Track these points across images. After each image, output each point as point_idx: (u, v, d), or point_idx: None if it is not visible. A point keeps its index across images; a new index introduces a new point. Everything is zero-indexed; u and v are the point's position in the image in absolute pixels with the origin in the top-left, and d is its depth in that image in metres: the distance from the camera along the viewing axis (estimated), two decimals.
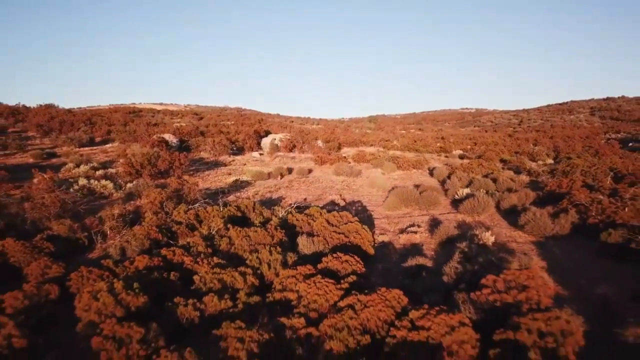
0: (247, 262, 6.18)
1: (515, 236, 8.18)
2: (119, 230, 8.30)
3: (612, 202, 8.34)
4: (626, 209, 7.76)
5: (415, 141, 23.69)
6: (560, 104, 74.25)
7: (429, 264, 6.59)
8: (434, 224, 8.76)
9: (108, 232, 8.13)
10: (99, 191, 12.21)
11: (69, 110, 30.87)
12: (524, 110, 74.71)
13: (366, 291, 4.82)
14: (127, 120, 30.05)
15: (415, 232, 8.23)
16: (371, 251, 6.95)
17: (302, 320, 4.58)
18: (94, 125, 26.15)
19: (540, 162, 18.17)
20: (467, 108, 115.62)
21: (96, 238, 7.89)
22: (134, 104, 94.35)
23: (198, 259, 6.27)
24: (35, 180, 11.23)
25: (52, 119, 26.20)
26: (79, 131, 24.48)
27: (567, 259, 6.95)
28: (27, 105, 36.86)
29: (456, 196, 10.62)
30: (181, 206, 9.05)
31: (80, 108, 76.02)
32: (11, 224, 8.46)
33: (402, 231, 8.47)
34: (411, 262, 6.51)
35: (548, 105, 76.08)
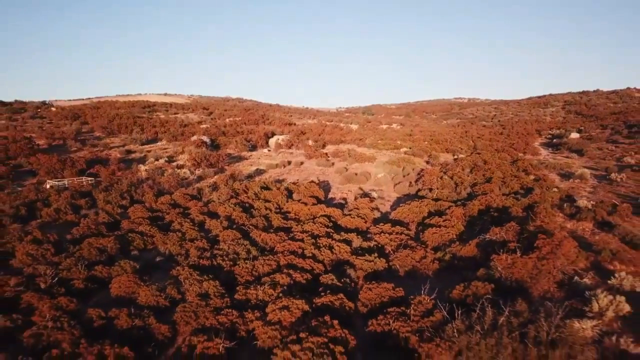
0: (272, 201, 16.95)
1: (391, 194, 18.98)
2: (211, 192, 19.02)
3: (439, 178, 19.07)
4: (441, 180, 18.49)
5: (380, 140, 34.17)
6: (539, 97, 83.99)
7: (344, 202, 17.40)
8: (358, 190, 19.50)
9: (207, 191, 18.85)
10: (182, 175, 22.98)
11: (117, 114, 41.31)
12: (504, 103, 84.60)
13: (315, 206, 15.65)
14: (163, 121, 40.54)
15: (347, 194, 19.03)
16: (322, 198, 17.74)
17: (293, 214, 15.42)
18: (142, 127, 36.61)
19: (456, 157, 28.73)
20: (460, 98, 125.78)
21: (202, 194, 18.64)
22: (139, 94, 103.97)
23: (254, 200, 17.06)
24: (147, 166, 21.97)
25: (111, 122, 36.77)
26: (134, 132, 35.06)
27: (404, 200, 17.70)
28: (78, 106, 47.31)
29: (376, 177, 21.35)
30: (236, 182, 19.82)
31: (90, 99, 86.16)
32: (160, 189, 19.26)
33: (341, 193, 19.27)
34: (337, 201, 17.32)
35: (529, 98, 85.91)
